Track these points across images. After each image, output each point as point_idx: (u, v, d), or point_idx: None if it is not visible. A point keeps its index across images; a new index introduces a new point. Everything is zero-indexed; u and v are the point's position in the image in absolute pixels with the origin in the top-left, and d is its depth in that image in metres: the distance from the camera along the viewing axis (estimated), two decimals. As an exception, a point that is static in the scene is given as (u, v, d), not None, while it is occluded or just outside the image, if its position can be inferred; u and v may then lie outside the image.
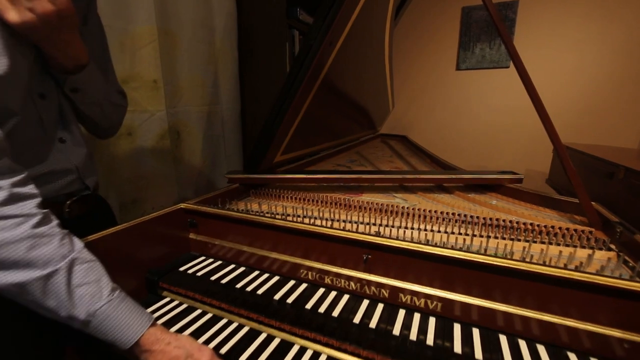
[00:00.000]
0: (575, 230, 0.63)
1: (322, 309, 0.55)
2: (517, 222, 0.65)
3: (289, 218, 0.66)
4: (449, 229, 0.66)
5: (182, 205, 0.72)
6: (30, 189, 0.41)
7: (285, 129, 0.92)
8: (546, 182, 2.02)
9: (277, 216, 0.67)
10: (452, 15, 2.55)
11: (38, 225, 0.39)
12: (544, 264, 0.47)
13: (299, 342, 0.51)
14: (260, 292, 0.60)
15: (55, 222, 0.42)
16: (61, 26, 0.47)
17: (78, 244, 0.43)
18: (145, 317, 0.43)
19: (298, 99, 0.85)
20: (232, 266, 0.69)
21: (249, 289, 0.61)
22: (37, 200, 0.41)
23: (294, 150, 1.08)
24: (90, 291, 0.40)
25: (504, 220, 0.66)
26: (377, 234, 0.57)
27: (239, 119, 1.62)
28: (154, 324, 0.44)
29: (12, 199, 0.38)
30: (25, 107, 0.48)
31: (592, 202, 0.70)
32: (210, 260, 0.72)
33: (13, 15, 0.42)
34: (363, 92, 1.47)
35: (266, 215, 0.68)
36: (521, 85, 0.78)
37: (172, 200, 1.34)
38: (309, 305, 0.56)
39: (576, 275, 0.44)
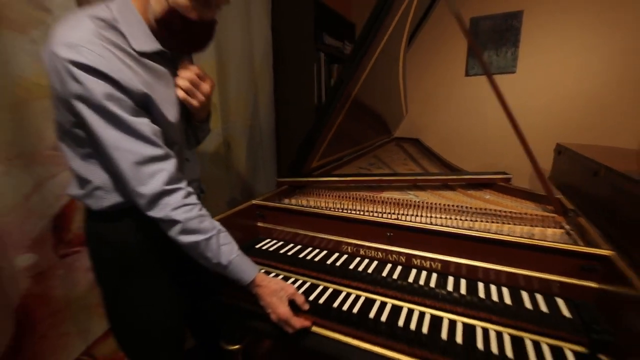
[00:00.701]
0: (543, 215, 0.87)
1: (360, 269, 0.82)
2: (501, 211, 0.90)
3: (330, 209, 0.93)
4: (448, 216, 0.91)
5: (254, 202, 1.00)
6: (191, 189, 0.68)
7: (322, 142, 1.19)
8: (548, 178, 2.22)
9: (322, 208, 0.94)
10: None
11: (200, 209, 0.66)
12: (508, 235, 0.72)
13: (344, 290, 0.78)
14: (316, 260, 0.87)
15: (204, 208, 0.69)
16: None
17: (216, 221, 0.70)
18: (256, 266, 0.71)
19: (333, 119, 1.11)
20: (291, 245, 0.96)
21: (307, 258, 0.88)
22: (195, 195, 0.69)
23: (326, 157, 1.35)
24: (229, 248, 0.68)
25: (491, 210, 0.91)
26: (397, 219, 0.83)
27: (274, 130, 1.90)
28: (259, 271, 0.71)
29: (188, 195, 0.65)
30: None
31: (558, 196, 0.94)
32: (275, 241, 0.99)
33: (195, 103, 0.70)
34: (381, 102, 1.72)
35: (313, 207, 0.95)
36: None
37: (224, 200, 1.63)
38: (350, 267, 0.82)
39: (526, 241, 0.69)
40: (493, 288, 0.72)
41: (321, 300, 0.75)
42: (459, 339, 0.62)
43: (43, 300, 0.96)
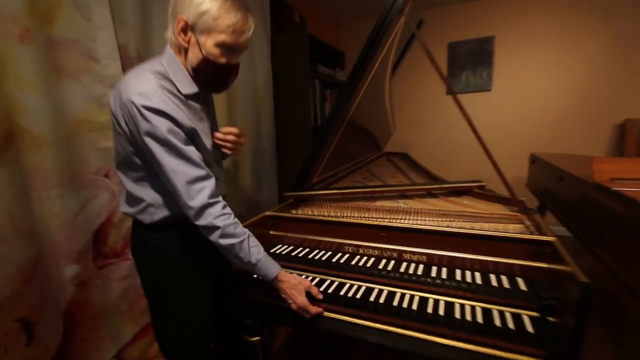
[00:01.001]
0: (509, 214, 1.05)
1: (360, 264, 0.98)
2: (475, 212, 1.08)
3: (332, 217, 1.10)
4: (431, 218, 1.08)
5: (267, 213, 1.17)
6: (225, 202, 0.85)
7: (321, 160, 1.37)
8: (526, 185, 2.44)
9: (324, 216, 1.11)
10: (441, 50, 3.04)
11: (234, 218, 0.83)
12: (479, 230, 0.90)
13: (348, 282, 0.94)
14: (323, 259, 1.03)
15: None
16: None
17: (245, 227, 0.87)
18: (277, 265, 0.87)
19: (330, 139, 1.30)
20: (301, 248, 1.13)
21: (315, 258, 1.04)
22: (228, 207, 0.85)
23: (325, 173, 1.53)
24: (257, 250, 0.84)
25: (467, 212, 1.09)
26: (389, 222, 1.01)
27: (274, 150, 2.09)
28: (280, 269, 0.87)
29: (225, 206, 0.82)
30: None
31: (521, 199, 1.13)
32: (286, 246, 1.15)
33: (235, 154, 0.92)
34: (371, 121, 1.92)
35: (317, 216, 1.12)
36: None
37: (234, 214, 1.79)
38: (352, 263, 0.99)
39: (492, 234, 0.87)
40: (468, 273, 0.89)
41: (330, 291, 0.91)
42: (441, 312, 0.79)
43: (83, 307, 1.10)
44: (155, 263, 0.87)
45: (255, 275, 0.91)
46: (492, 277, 0.87)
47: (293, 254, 1.09)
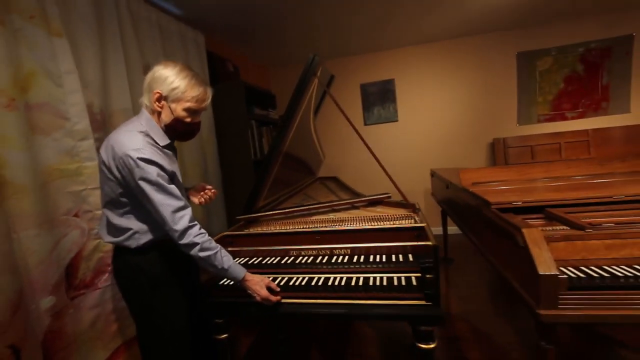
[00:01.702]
0: (405, 214, 1.48)
1: (302, 262, 1.30)
2: (383, 215, 1.49)
3: (278, 230, 1.41)
4: (353, 223, 1.46)
5: (225, 233, 1.43)
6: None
7: (264, 187, 1.68)
8: (431, 195, 3.04)
9: (271, 231, 1.41)
10: (355, 89, 3.65)
11: (207, 236, 1.07)
12: (384, 225, 1.29)
13: (295, 276, 1.25)
14: (274, 262, 1.32)
15: None
16: None
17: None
18: (244, 268, 1.12)
19: (271, 169, 1.63)
20: (255, 258, 1.40)
21: (268, 262, 1.33)
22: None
23: (268, 198, 1.84)
24: (227, 258, 1.08)
25: (378, 215, 1.49)
26: (321, 227, 1.35)
27: (221, 183, 2.33)
28: (246, 272, 1.14)
29: (200, 227, 1.06)
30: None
31: (413, 203, 1.57)
32: (243, 258, 1.41)
33: (206, 203, 1.18)
34: (304, 152, 2.30)
35: (266, 231, 1.42)
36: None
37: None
38: (297, 262, 1.30)
39: (391, 226, 1.27)
40: (378, 257, 1.27)
41: (282, 284, 1.20)
42: (360, 284, 1.14)
43: (58, 336, 1.21)
44: (139, 281, 1.07)
45: (222, 281, 1.16)
46: (393, 256, 1.26)
47: (250, 262, 1.36)
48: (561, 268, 1.04)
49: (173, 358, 1.12)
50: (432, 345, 1.08)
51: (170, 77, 1.01)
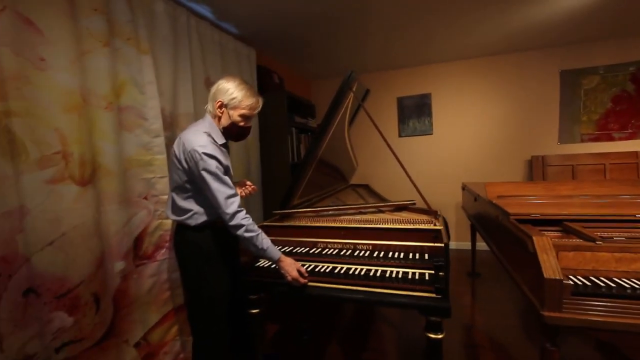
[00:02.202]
0: (427, 219, 1.59)
1: (328, 253, 1.46)
2: (406, 219, 1.61)
3: (307, 225, 1.59)
4: (377, 224, 1.60)
5: (264, 223, 1.64)
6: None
7: (299, 188, 1.88)
8: (461, 208, 3.06)
9: (303, 224, 1.60)
10: (392, 102, 3.78)
11: (251, 220, 1.28)
12: (404, 226, 1.42)
13: (321, 264, 1.41)
14: (303, 252, 1.50)
15: None
16: None
17: None
18: (279, 251, 1.32)
19: (305, 173, 1.82)
20: (286, 247, 1.59)
21: (298, 251, 1.51)
22: None
23: (302, 196, 2.03)
24: (267, 241, 1.27)
25: (402, 219, 1.62)
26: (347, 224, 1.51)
27: (260, 182, 2.58)
28: (281, 254, 1.32)
29: (246, 212, 1.26)
30: None
31: (435, 209, 1.68)
32: (277, 246, 1.61)
33: (246, 196, 1.41)
34: (337, 159, 2.48)
35: (298, 224, 1.60)
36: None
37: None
38: (323, 252, 1.47)
39: (410, 227, 1.40)
40: (396, 253, 1.40)
41: (309, 269, 1.37)
42: (378, 275, 1.28)
43: (124, 295, 1.47)
44: (195, 254, 1.30)
45: (258, 263, 1.36)
46: (410, 254, 1.39)
47: (281, 250, 1.55)
48: (570, 276, 1.10)
49: (214, 322, 1.33)
50: (440, 336, 1.19)
51: (230, 89, 1.25)
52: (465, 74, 3.53)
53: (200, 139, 1.21)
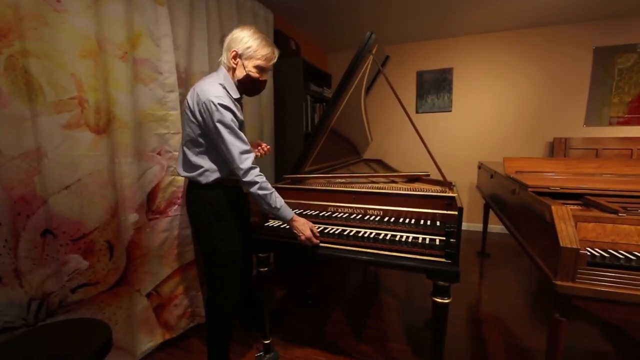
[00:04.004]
0: (440, 188, 1.56)
1: (338, 216, 1.45)
2: (419, 188, 1.58)
3: (318, 187, 1.58)
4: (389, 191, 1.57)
5: (277, 185, 1.63)
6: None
7: (311, 154, 1.85)
8: (476, 187, 2.99)
9: (314, 187, 1.59)
10: (411, 76, 3.65)
11: (266, 179, 1.28)
12: (412, 193, 1.39)
13: (331, 227, 1.41)
14: (314, 214, 1.50)
15: None
16: None
17: None
18: (292, 210, 1.31)
19: (318, 139, 1.79)
20: (297, 209, 1.59)
21: (309, 214, 1.51)
22: None
23: (314, 165, 2.01)
24: (280, 200, 1.27)
25: (414, 188, 1.59)
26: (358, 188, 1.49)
27: (273, 148, 2.57)
28: (294, 214, 1.32)
29: (260, 170, 1.26)
30: None
31: (450, 181, 1.63)
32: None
33: (260, 156, 1.39)
34: (351, 131, 2.43)
35: (309, 186, 1.59)
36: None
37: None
38: (333, 216, 1.46)
39: (422, 193, 1.37)
40: (407, 219, 1.38)
41: (319, 230, 1.37)
42: (387, 238, 1.27)
43: (137, 246, 1.51)
44: (206, 212, 1.31)
45: (267, 223, 1.36)
46: (422, 221, 1.37)
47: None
48: (588, 248, 1.07)
49: (228, 276, 1.36)
50: (447, 300, 1.18)
51: (245, 38, 1.21)
52: (490, 48, 3.36)
53: (216, 89, 1.19)
